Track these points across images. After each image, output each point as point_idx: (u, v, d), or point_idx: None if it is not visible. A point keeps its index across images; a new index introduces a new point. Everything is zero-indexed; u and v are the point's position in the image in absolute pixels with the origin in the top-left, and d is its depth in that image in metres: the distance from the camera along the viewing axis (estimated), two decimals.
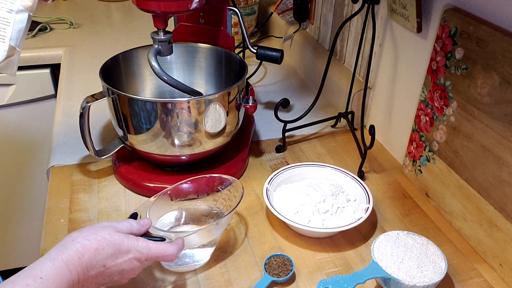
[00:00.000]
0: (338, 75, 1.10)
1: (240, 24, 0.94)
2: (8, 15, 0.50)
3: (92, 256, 0.53)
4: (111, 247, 0.55)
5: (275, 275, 0.67)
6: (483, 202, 0.71)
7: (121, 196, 0.84)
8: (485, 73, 0.68)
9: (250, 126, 1.01)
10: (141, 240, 0.58)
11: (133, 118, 0.78)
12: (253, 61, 1.26)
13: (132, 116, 0.78)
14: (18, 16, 0.51)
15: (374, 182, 0.89)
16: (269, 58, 0.94)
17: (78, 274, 0.52)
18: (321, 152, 0.98)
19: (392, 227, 0.79)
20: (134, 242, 0.57)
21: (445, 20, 0.74)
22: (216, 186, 0.75)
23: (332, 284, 0.62)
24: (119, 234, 0.57)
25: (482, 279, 0.70)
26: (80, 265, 0.52)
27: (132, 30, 1.56)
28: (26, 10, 0.52)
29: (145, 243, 0.58)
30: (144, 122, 0.77)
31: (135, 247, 0.57)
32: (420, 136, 0.85)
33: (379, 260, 0.65)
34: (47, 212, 0.79)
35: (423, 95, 0.82)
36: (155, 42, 0.81)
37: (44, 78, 1.41)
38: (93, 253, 0.53)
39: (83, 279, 0.53)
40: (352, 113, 1.02)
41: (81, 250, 0.53)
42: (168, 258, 0.60)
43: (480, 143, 0.70)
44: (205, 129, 0.79)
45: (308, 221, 0.75)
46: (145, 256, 0.58)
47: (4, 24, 0.50)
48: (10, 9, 0.50)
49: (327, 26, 1.20)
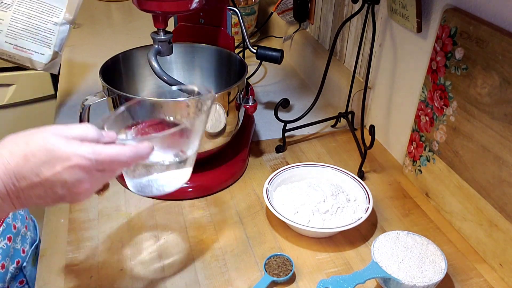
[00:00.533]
0: (338, 75, 1.10)
1: (240, 24, 0.94)
2: (53, 27, 0.63)
3: (20, 164, 0.45)
4: (44, 153, 0.45)
5: (275, 275, 0.67)
6: (483, 202, 0.71)
7: (121, 196, 0.84)
8: (485, 73, 0.68)
9: (250, 126, 1.01)
10: (86, 145, 0.47)
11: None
12: (253, 61, 1.26)
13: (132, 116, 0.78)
14: (61, 27, 0.64)
15: (374, 182, 0.89)
16: (269, 58, 0.94)
17: (4, 184, 0.45)
18: (321, 152, 0.98)
19: (392, 227, 0.79)
20: (76, 146, 0.46)
21: (445, 20, 0.74)
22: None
23: (332, 284, 0.62)
24: (58, 137, 0.47)
25: (482, 279, 0.70)
26: (5, 173, 0.45)
27: (132, 30, 1.56)
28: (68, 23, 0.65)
29: (90, 147, 0.47)
30: None
31: (77, 152, 0.46)
32: (420, 136, 0.85)
33: (379, 260, 0.65)
34: (47, 212, 0.79)
35: (423, 95, 0.82)
36: (155, 42, 0.81)
37: (44, 78, 1.41)
38: (22, 159, 0.45)
39: (14, 190, 0.45)
40: (352, 113, 1.02)
41: (7, 157, 0.45)
42: (123, 163, 0.49)
43: (480, 143, 0.70)
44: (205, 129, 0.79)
45: (308, 221, 0.75)
46: (92, 162, 0.47)
47: (50, 34, 0.64)
48: (55, 22, 0.63)
49: (327, 26, 1.20)
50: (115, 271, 0.69)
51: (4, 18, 0.61)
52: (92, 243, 0.74)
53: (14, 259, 0.76)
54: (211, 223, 0.79)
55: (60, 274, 0.68)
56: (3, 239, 0.73)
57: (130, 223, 0.78)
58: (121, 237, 0.75)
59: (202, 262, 0.71)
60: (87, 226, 0.77)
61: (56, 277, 0.68)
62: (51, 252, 0.72)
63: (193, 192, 0.83)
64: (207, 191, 0.84)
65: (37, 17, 0.62)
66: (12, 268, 0.76)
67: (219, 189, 0.86)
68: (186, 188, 0.83)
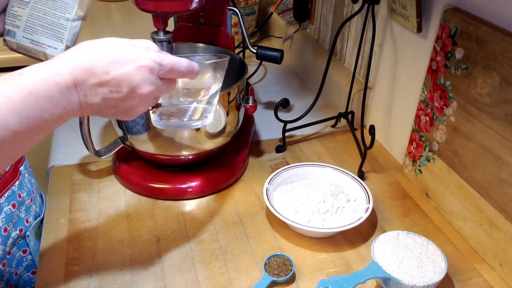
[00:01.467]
0: (338, 75, 1.10)
1: (240, 24, 0.94)
2: (66, 22, 0.66)
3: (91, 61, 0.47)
4: (115, 51, 0.49)
5: (275, 275, 0.67)
6: (483, 202, 0.71)
7: (121, 196, 0.84)
8: (485, 73, 0.68)
9: (250, 126, 1.01)
10: (152, 51, 0.52)
11: None
12: (253, 61, 1.26)
13: None
14: (73, 23, 0.66)
15: (374, 182, 0.89)
16: (269, 58, 0.94)
17: (75, 78, 0.46)
18: (321, 152, 0.98)
19: (392, 227, 0.79)
20: (144, 50, 0.51)
21: (445, 20, 0.74)
22: None
23: (332, 284, 0.62)
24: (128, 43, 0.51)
25: (482, 279, 0.70)
26: (76, 68, 0.47)
27: (132, 30, 1.56)
28: (80, 19, 0.66)
29: (156, 53, 0.51)
30: (144, 122, 0.77)
31: (145, 55, 0.50)
32: (420, 136, 0.85)
33: (379, 260, 0.65)
34: (47, 212, 0.79)
35: (423, 95, 0.82)
36: (155, 42, 0.81)
37: None
38: (93, 58, 0.47)
39: (83, 86, 0.47)
40: (352, 113, 1.02)
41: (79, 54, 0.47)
42: (180, 73, 0.54)
43: (480, 143, 0.70)
44: (205, 129, 0.79)
45: (308, 221, 0.75)
46: (157, 65, 0.51)
47: (63, 29, 0.66)
48: (67, 18, 0.66)
49: (327, 26, 1.20)
50: (115, 271, 0.69)
51: (22, 14, 0.66)
52: (92, 243, 0.74)
53: (17, 226, 0.78)
54: (211, 223, 0.79)
55: (60, 274, 0.68)
56: (8, 204, 0.75)
57: (130, 223, 0.78)
58: (121, 237, 0.75)
59: (202, 262, 0.71)
60: (87, 226, 0.77)
61: (56, 277, 0.68)
62: (51, 252, 0.72)
63: (193, 192, 0.83)
64: (207, 191, 0.84)
65: (51, 13, 0.66)
66: (14, 234, 0.77)
67: (219, 189, 0.86)
68: (186, 188, 0.83)
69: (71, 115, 0.49)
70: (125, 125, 0.80)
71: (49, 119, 0.47)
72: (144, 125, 0.78)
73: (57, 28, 0.66)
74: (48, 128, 0.48)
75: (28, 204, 0.81)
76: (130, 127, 0.80)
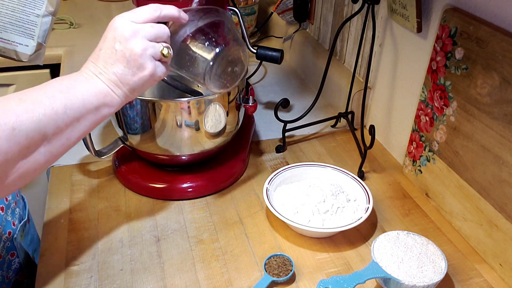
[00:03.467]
0: (338, 75, 1.10)
1: (240, 24, 0.94)
2: (36, 19, 0.64)
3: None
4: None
5: (275, 275, 0.67)
6: (483, 202, 0.71)
7: (121, 196, 0.84)
8: (485, 73, 0.68)
9: (250, 126, 1.01)
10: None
11: (133, 118, 0.78)
12: (253, 61, 1.26)
13: (132, 116, 0.78)
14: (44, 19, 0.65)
15: (374, 182, 0.89)
16: (269, 58, 0.94)
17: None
18: (321, 152, 0.98)
19: (392, 227, 0.79)
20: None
21: (445, 20, 0.74)
22: None
23: (332, 284, 0.62)
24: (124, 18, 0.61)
25: (482, 279, 0.70)
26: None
27: None
28: (50, 14, 0.65)
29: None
30: (144, 122, 0.77)
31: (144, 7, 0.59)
32: (420, 136, 0.85)
33: (379, 260, 0.65)
34: (47, 212, 0.79)
35: (423, 95, 0.82)
36: None
37: (44, 78, 1.41)
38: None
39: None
40: (352, 113, 1.02)
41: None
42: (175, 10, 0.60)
43: (480, 143, 0.70)
44: (205, 129, 0.79)
45: (308, 221, 0.75)
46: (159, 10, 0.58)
47: (33, 26, 0.64)
48: (37, 14, 0.64)
49: (327, 26, 1.20)
50: (115, 271, 0.69)
51: None
52: (92, 243, 0.74)
53: (6, 229, 0.78)
54: (211, 223, 0.79)
55: (60, 274, 0.68)
56: None
57: (130, 223, 0.78)
58: (121, 237, 0.75)
59: (202, 262, 0.71)
60: (87, 226, 0.77)
61: (56, 277, 0.68)
62: (51, 252, 0.72)
63: (193, 192, 0.83)
64: (207, 191, 0.84)
65: (20, 10, 0.64)
66: (5, 237, 0.78)
67: (219, 189, 0.86)
68: (186, 188, 0.83)
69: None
70: (125, 125, 0.80)
71: None
72: (144, 125, 0.78)
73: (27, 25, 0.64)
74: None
75: (13, 207, 0.81)
76: (130, 127, 0.80)
